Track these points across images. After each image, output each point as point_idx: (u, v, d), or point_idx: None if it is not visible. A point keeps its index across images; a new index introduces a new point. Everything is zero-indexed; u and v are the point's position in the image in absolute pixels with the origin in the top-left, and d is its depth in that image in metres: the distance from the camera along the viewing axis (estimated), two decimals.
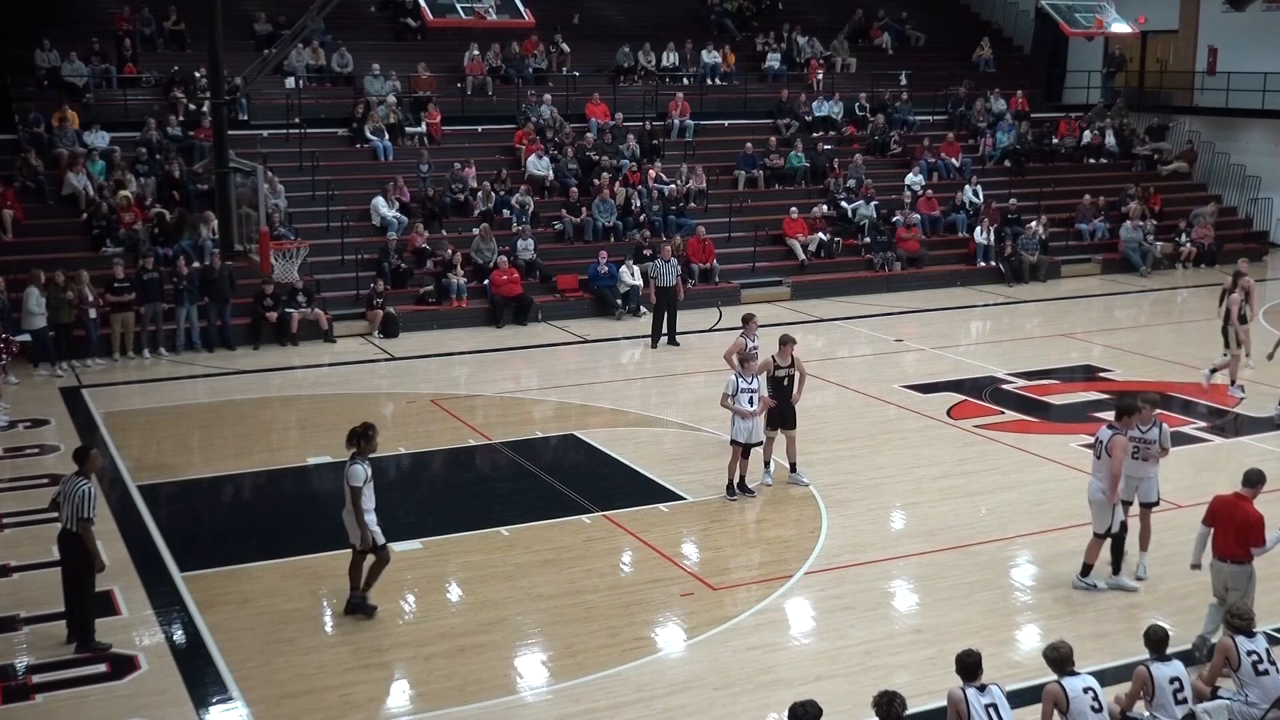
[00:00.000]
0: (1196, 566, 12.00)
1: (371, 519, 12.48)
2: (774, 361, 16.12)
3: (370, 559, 12.57)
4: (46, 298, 22.57)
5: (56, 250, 24.73)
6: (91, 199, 26.32)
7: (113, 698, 11.06)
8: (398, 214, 28.02)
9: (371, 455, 12.74)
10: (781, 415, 16.10)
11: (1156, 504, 13.56)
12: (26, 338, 22.42)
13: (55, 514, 12.05)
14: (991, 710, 8.99)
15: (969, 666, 9.23)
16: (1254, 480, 11.75)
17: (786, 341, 16.25)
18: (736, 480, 15.94)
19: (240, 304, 24.77)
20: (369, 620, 12.41)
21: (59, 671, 11.47)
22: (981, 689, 9.10)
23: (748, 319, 17.71)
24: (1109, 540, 13.12)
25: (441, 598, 13.40)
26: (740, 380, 15.60)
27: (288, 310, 24.73)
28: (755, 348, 16.92)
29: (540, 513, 15.66)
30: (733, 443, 15.75)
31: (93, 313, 23.08)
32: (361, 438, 12.80)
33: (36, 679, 11.35)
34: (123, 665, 11.62)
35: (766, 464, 16.40)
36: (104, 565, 12.24)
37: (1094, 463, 13.24)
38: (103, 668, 11.56)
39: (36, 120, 27.88)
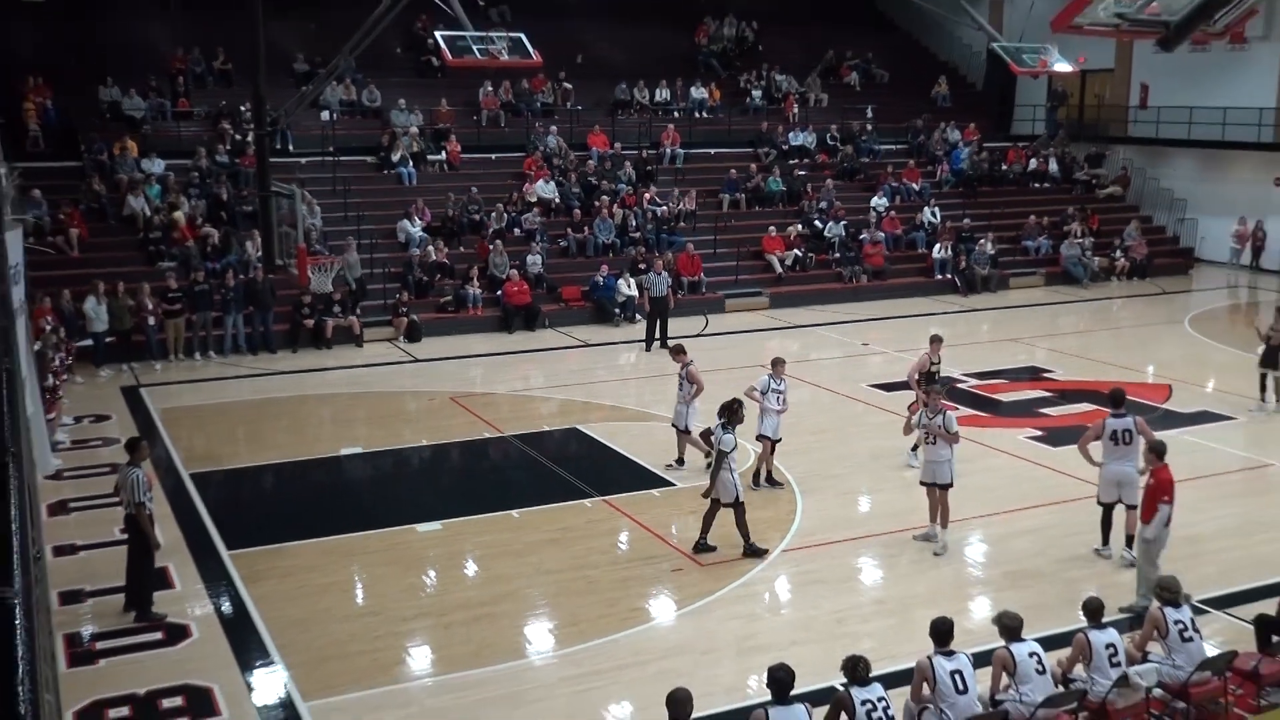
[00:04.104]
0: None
1: (737, 478, 13.29)
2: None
3: (727, 511, 13.37)
4: (108, 307, 22.75)
5: (117, 265, 24.75)
6: (149, 219, 26.36)
7: (167, 662, 11.12)
8: (421, 232, 28.10)
9: None
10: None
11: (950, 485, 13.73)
12: (88, 342, 22.55)
13: (117, 499, 12.12)
14: (956, 676, 9.00)
15: (941, 633, 9.26)
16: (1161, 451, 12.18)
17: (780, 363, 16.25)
18: (764, 474, 15.94)
19: (281, 312, 24.87)
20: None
21: (120, 639, 11.53)
22: (949, 655, 9.13)
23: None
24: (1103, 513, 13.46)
25: (460, 572, 13.46)
26: (771, 381, 15.78)
27: (323, 317, 24.82)
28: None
29: (547, 497, 15.73)
30: (760, 437, 15.78)
31: (151, 320, 23.20)
32: (730, 410, 13.53)
33: (100, 645, 11.42)
34: (176, 633, 11.69)
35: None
36: (159, 544, 12.32)
37: (1124, 449, 13.33)
38: (158, 635, 11.64)
39: (100, 149, 27.92)
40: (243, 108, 29.11)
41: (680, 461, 16.69)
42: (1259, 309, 29.46)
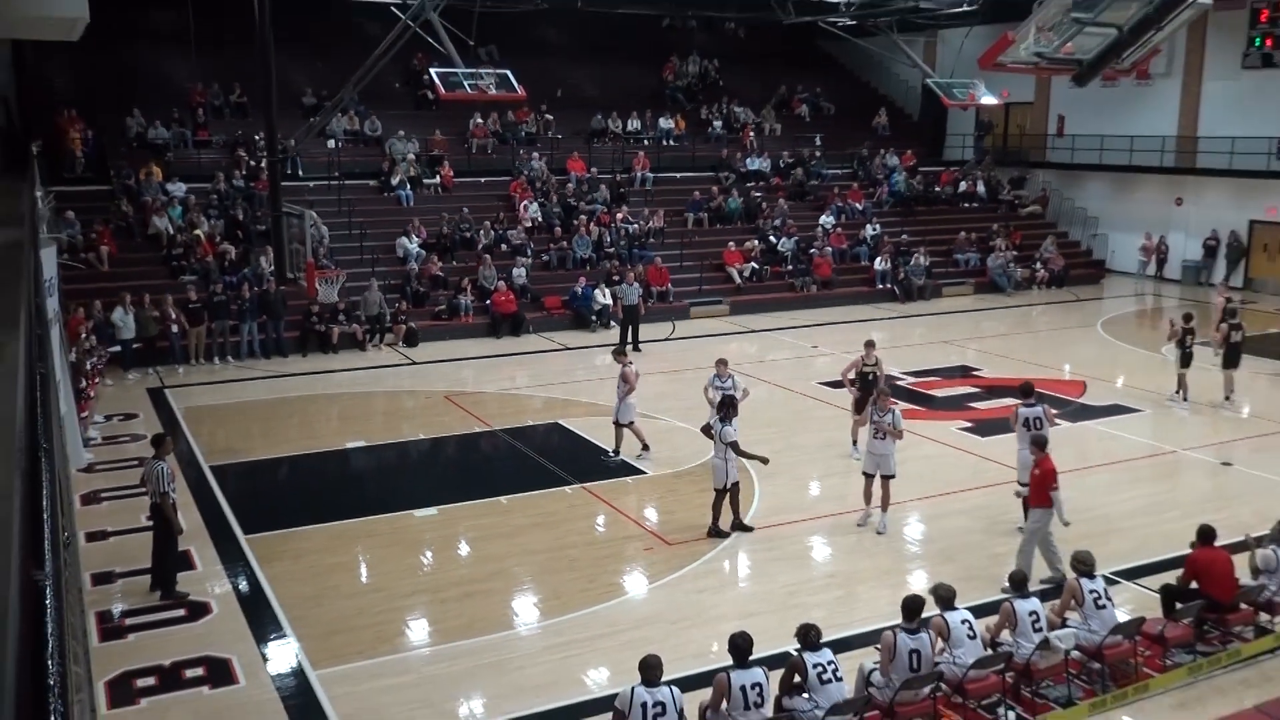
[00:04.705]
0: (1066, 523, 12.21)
1: (732, 466, 13.34)
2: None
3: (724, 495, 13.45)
4: (135, 317, 22.62)
5: (143, 279, 24.55)
6: (172, 237, 26.20)
7: (190, 636, 11.03)
8: (418, 248, 27.99)
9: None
10: None
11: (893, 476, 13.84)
12: (117, 348, 22.42)
13: (144, 489, 12.02)
14: (914, 655, 9.00)
15: (911, 610, 9.21)
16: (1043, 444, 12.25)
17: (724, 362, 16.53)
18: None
19: (292, 320, 24.69)
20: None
21: (147, 615, 11.45)
22: (913, 632, 9.09)
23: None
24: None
25: (454, 553, 13.41)
26: (716, 379, 16.17)
27: (330, 325, 24.68)
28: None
29: (532, 485, 15.69)
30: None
31: (174, 328, 23.05)
32: (730, 407, 13.65)
33: (129, 621, 11.33)
34: (198, 610, 11.60)
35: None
36: (182, 529, 12.24)
37: (1027, 435, 13.42)
38: (182, 612, 11.55)
39: (128, 174, 27.73)
40: (257, 137, 29.00)
41: (616, 452, 16.74)
42: (1163, 314, 29.70)
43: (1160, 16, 20.01)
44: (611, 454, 16.76)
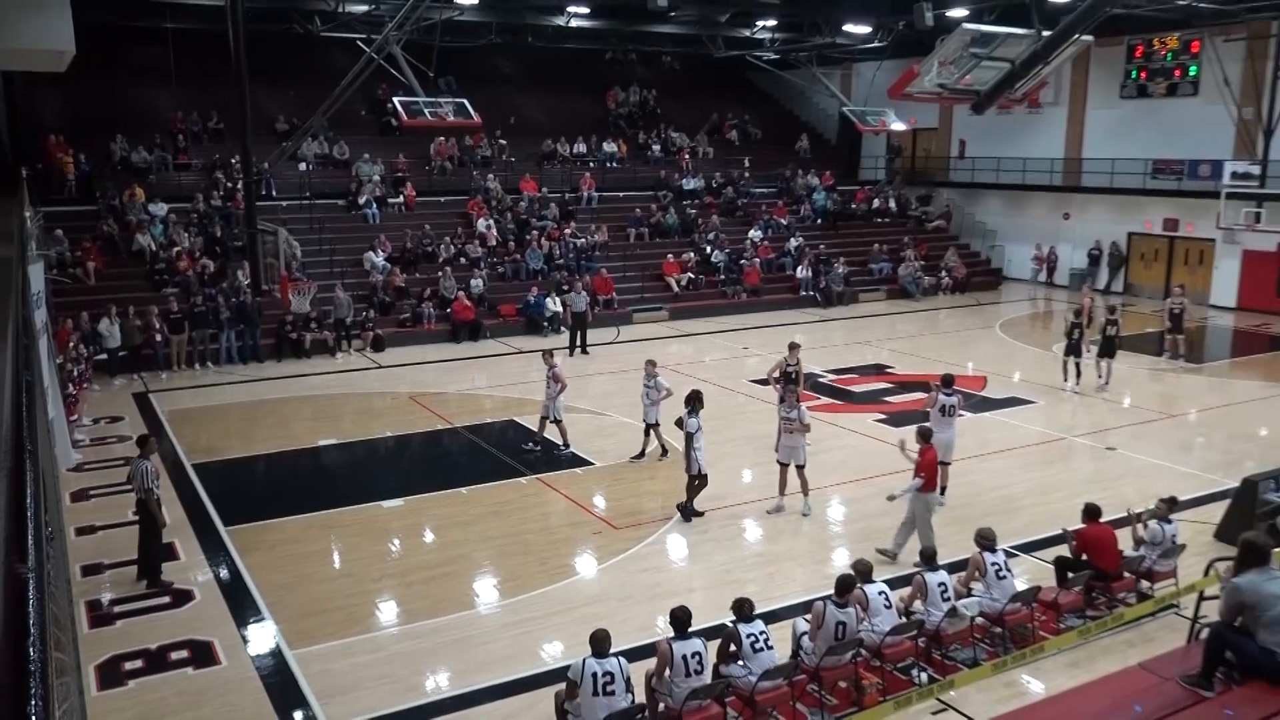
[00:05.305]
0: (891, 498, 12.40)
1: (702, 455, 13.29)
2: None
3: (696, 482, 13.50)
4: (121, 327, 22.20)
5: (128, 291, 24.07)
6: (154, 253, 25.74)
7: (175, 621, 10.82)
8: (384, 261, 27.69)
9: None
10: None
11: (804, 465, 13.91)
12: (104, 356, 21.96)
13: (130, 486, 11.77)
14: (840, 627, 9.02)
15: (843, 586, 9.22)
16: (928, 436, 12.36)
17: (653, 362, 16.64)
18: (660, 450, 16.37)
19: (267, 328, 24.33)
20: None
21: (134, 603, 11.22)
22: (842, 606, 9.10)
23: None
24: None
25: (419, 540, 13.25)
26: (644, 379, 16.32)
27: (302, 332, 24.34)
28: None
29: (490, 476, 15.58)
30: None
31: (157, 337, 22.63)
32: (696, 400, 13.62)
33: (117, 609, 11.09)
34: (182, 597, 11.39)
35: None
36: (165, 523, 12.02)
37: (949, 419, 13.90)
38: (167, 599, 11.33)
39: (113, 195, 27.20)
40: (233, 160, 28.57)
41: (537, 444, 16.66)
42: (1053, 316, 30.19)
43: (1047, 53, 20.30)
44: (533, 445, 16.69)
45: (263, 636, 10.50)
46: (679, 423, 13.91)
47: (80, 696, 8.49)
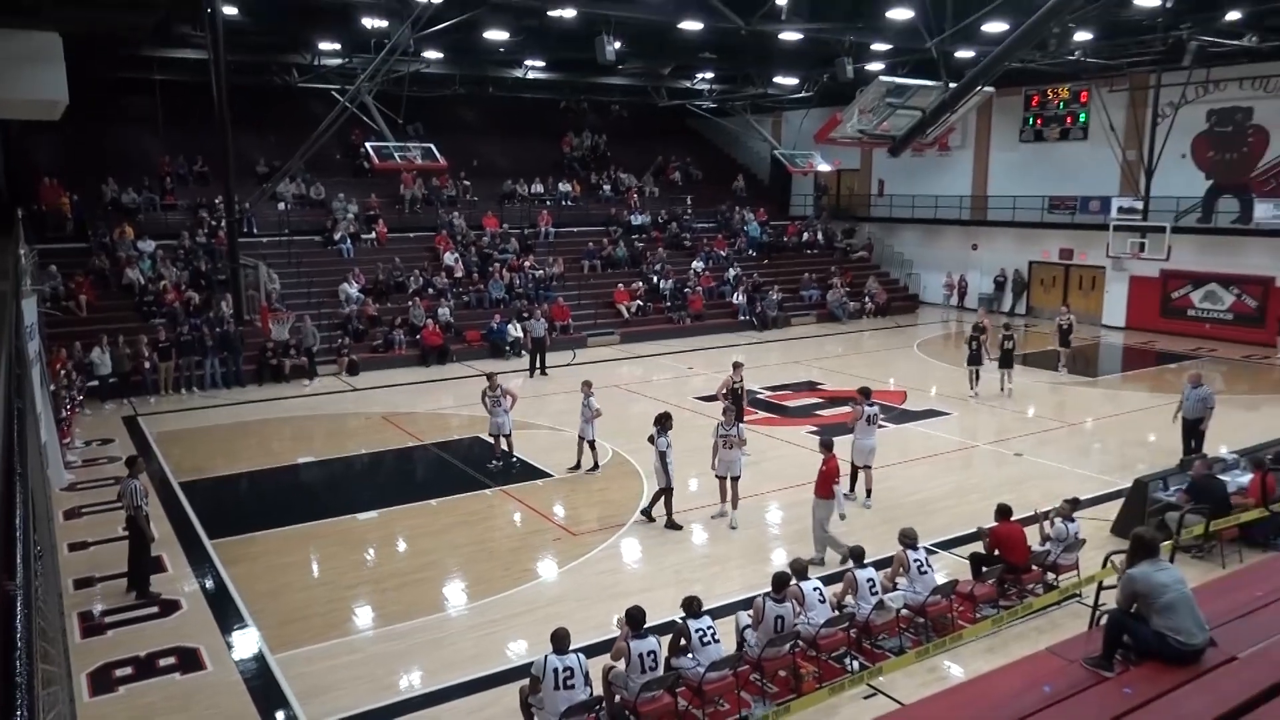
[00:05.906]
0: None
1: (672, 469, 13.14)
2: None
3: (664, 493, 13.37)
4: (111, 355, 21.70)
5: (118, 322, 23.51)
6: (143, 286, 25.22)
7: (163, 629, 10.54)
8: (358, 293, 27.38)
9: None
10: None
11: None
12: (95, 383, 21.45)
13: (120, 504, 11.46)
14: (779, 620, 8.99)
15: (779, 583, 9.17)
16: (830, 446, 12.38)
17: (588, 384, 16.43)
18: (593, 462, 16.13)
19: (249, 355, 23.89)
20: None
21: (124, 613, 10.92)
22: (779, 601, 9.06)
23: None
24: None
25: (392, 549, 13.04)
26: (582, 399, 16.06)
27: (282, 359, 23.94)
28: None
29: (457, 489, 15.40)
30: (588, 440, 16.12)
31: (146, 364, 22.14)
32: (665, 421, 13.48)
33: (108, 620, 10.77)
34: (170, 607, 11.10)
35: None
36: (154, 537, 11.73)
37: (870, 428, 13.97)
38: (155, 609, 11.04)
39: (103, 234, 26.66)
40: (216, 200, 28.13)
41: (500, 459, 16.48)
42: (964, 336, 30.57)
43: (954, 102, 20.67)
44: (514, 461, 16.53)
45: (246, 642, 10.25)
46: (651, 440, 13.82)
47: (71, 704, 8.21)
